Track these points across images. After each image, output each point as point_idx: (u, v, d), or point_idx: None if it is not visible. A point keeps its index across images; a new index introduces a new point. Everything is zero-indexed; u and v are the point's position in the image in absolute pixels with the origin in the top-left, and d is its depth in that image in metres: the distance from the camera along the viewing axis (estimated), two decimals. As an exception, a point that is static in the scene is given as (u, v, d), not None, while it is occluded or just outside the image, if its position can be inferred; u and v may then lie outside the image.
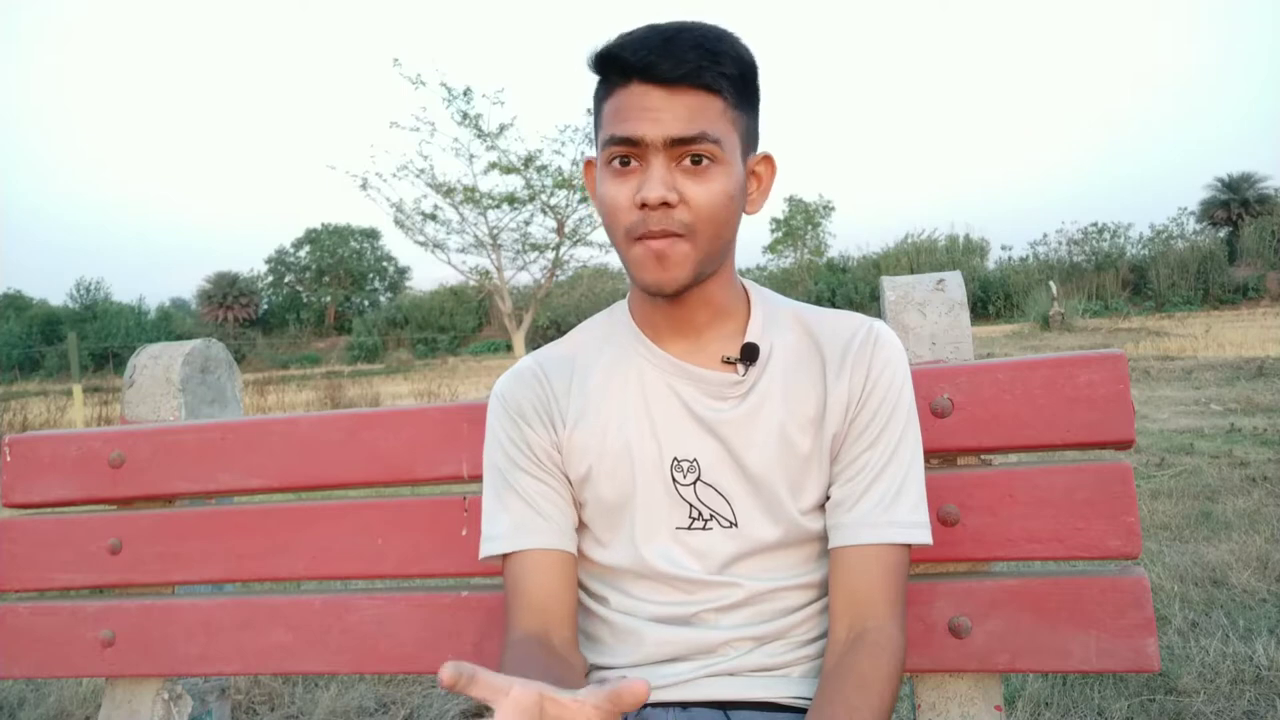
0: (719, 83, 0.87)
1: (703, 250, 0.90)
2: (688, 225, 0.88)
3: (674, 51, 0.86)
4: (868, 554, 0.92)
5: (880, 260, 36.30)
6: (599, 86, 0.93)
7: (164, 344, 1.49)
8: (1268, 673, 2.13)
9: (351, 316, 46.83)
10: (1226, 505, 3.77)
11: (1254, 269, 30.19)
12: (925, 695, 1.14)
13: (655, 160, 0.87)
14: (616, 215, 0.90)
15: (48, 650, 1.38)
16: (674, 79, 0.86)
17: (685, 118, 0.87)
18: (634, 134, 0.87)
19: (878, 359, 0.96)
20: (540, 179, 16.88)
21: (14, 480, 1.40)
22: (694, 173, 0.88)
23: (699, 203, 0.88)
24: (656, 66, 0.86)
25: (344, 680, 2.48)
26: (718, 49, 0.87)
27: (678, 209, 0.88)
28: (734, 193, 0.90)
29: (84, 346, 30.74)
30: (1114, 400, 1.06)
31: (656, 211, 0.87)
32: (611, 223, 0.91)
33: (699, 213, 0.88)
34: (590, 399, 0.99)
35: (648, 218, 0.88)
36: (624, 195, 0.89)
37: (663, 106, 0.86)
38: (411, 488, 1.32)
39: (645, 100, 0.87)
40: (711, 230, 0.90)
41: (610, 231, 0.93)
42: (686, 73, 0.86)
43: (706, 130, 0.87)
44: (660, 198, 0.86)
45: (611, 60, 0.89)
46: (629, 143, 0.88)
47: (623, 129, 0.88)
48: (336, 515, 1.29)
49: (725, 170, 0.89)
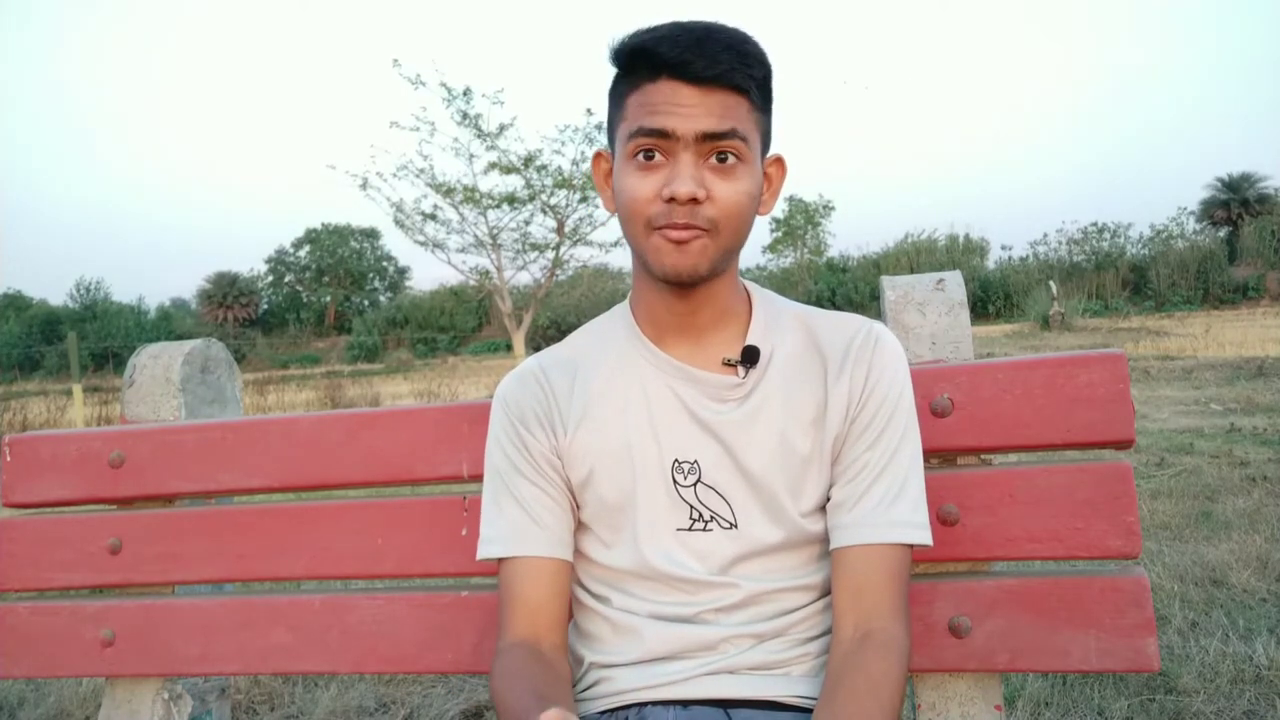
0: (748, 84, 0.89)
1: (722, 247, 0.91)
2: (712, 221, 0.89)
3: (708, 51, 0.87)
4: (869, 554, 0.92)
5: (880, 260, 36.30)
6: (621, 80, 0.93)
7: (164, 344, 1.49)
8: (1268, 673, 2.13)
9: (351, 316, 46.83)
10: (1226, 505, 3.77)
11: (1254, 269, 30.18)
12: (925, 695, 1.13)
13: (684, 155, 0.88)
14: (638, 207, 0.90)
15: (48, 650, 1.38)
16: (708, 78, 0.87)
17: (718, 114, 0.88)
18: (665, 126, 0.88)
19: (878, 360, 0.97)
20: (540, 179, 16.87)
21: (14, 480, 1.40)
22: (721, 170, 0.89)
23: (725, 200, 0.89)
24: (691, 65, 0.87)
25: (344, 680, 2.48)
26: (746, 51, 0.89)
27: (704, 205, 0.88)
28: (755, 193, 0.92)
29: (84, 346, 30.74)
30: (1114, 400, 1.06)
31: (684, 206, 0.88)
32: (631, 214, 0.91)
33: (724, 210, 0.89)
34: (592, 401, 1.00)
35: (673, 211, 0.88)
36: (648, 188, 0.89)
37: (695, 103, 0.88)
38: (411, 488, 1.32)
39: (676, 96, 0.88)
40: (733, 228, 0.91)
41: (629, 223, 0.93)
42: (720, 73, 0.87)
43: (736, 127, 0.88)
44: (690, 193, 0.87)
45: (642, 55, 0.89)
46: (659, 135, 0.88)
47: (653, 121, 0.88)
48: (336, 515, 1.29)
49: (749, 170, 0.90)
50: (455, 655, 1.24)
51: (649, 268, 0.93)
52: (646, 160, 0.90)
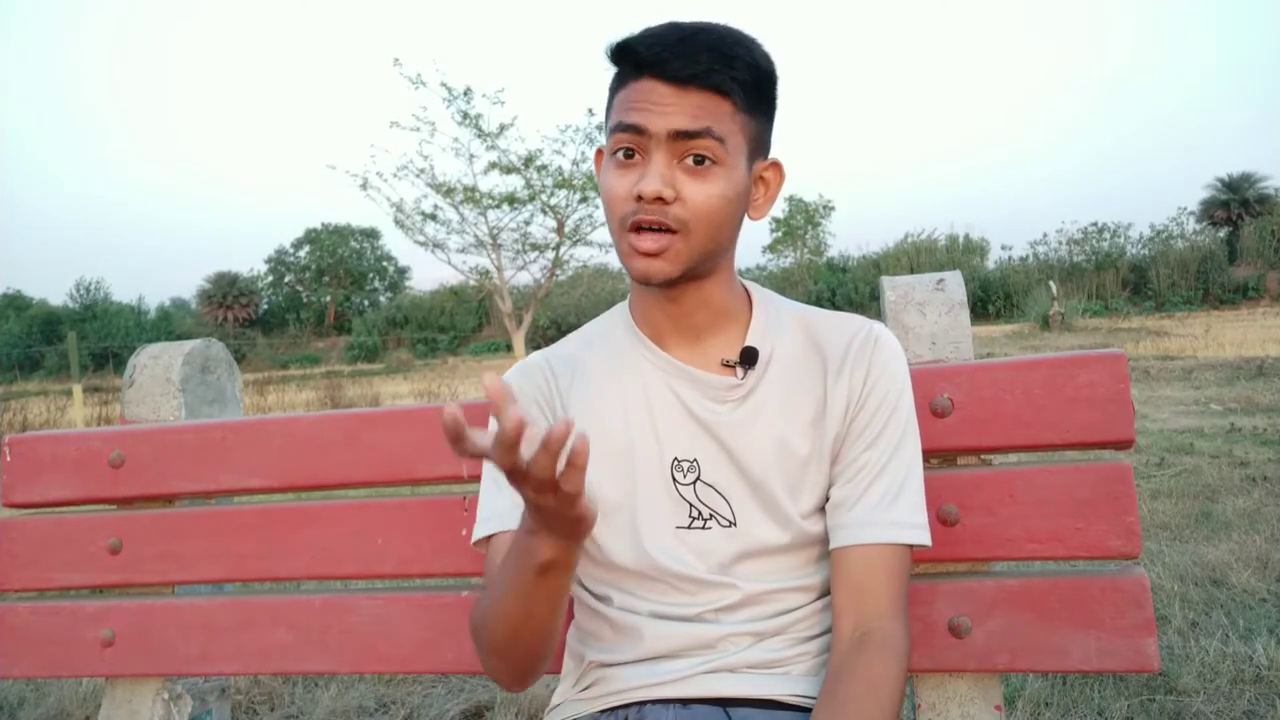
0: (729, 85, 0.88)
1: (695, 249, 0.90)
2: (681, 222, 0.89)
3: (687, 51, 0.87)
4: (869, 553, 0.92)
5: (880, 260, 36.28)
6: (614, 77, 0.94)
7: (164, 344, 1.49)
8: (1268, 673, 2.13)
9: (351, 316, 46.81)
10: (1226, 505, 3.77)
11: (1254, 269, 30.17)
12: (925, 695, 1.13)
13: (657, 154, 0.89)
14: (614, 204, 0.91)
15: (48, 650, 1.38)
16: (683, 78, 0.87)
17: (690, 113, 0.88)
18: (638, 123, 0.88)
19: (877, 360, 0.97)
20: (540, 179, 16.89)
21: (14, 480, 1.40)
22: (694, 172, 0.89)
23: (695, 202, 0.89)
24: (668, 64, 0.87)
25: (344, 680, 2.48)
26: (732, 53, 0.88)
27: (673, 205, 0.89)
28: (733, 196, 0.91)
29: (84, 346, 30.72)
30: (1114, 400, 1.06)
31: (652, 204, 0.88)
32: (609, 211, 0.93)
33: (694, 212, 0.89)
34: (592, 398, 1.00)
35: (642, 208, 0.89)
36: (623, 186, 0.90)
37: (670, 101, 0.88)
38: (411, 488, 1.32)
39: (653, 94, 0.88)
40: (706, 231, 0.90)
41: (608, 220, 0.94)
42: (696, 73, 0.87)
43: (711, 127, 0.88)
44: (656, 192, 0.87)
45: (626, 53, 0.91)
46: (633, 130, 0.89)
47: (628, 117, 0.89)
48: (336, 515, 1.29)
49: (726, 173, 0.90)
50: (455, 655, 1.24)
51: (624, 268, 0.94)
52: (626, 158, 0.90)
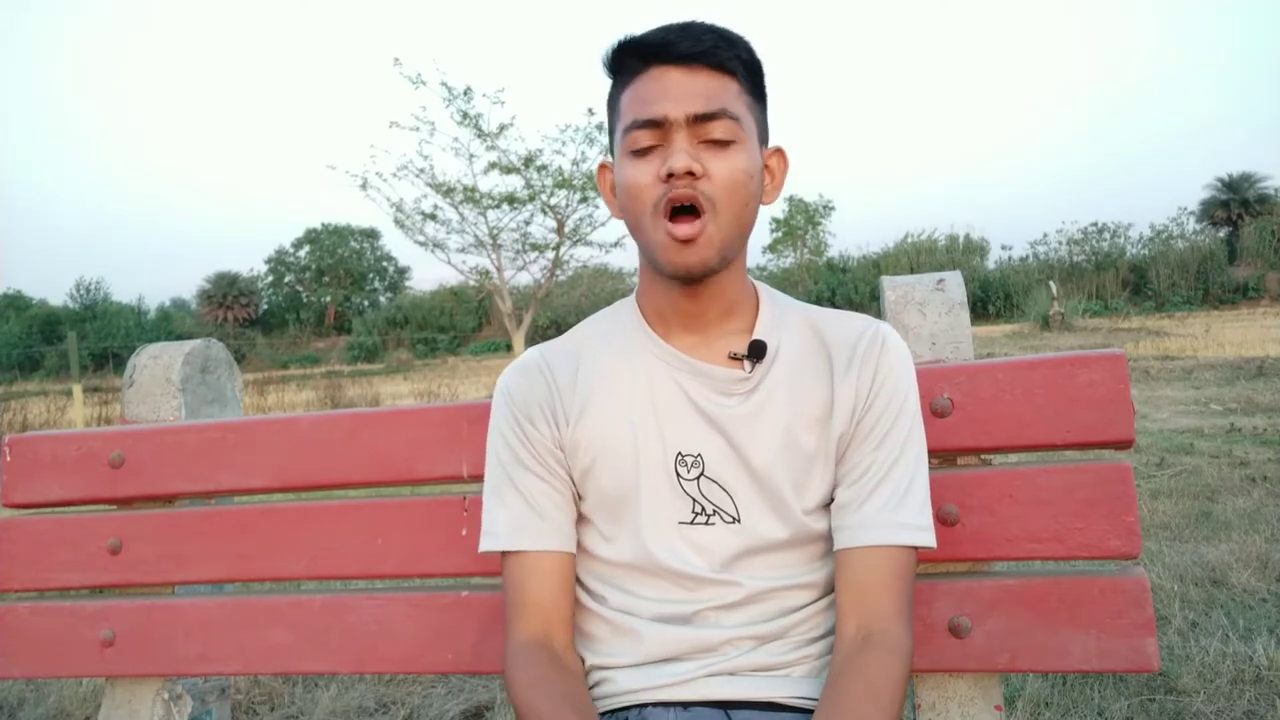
0: (734, 64, 0.90)
1: (726, 230, 0.91)
2: (710, 200, 0.89)
3: (691, 33, 0.90)
4: (875, 555, 0.92)
5: (880, 260, 36.28)
6: (615, 84, 0.95)
7: (164, 344, 1.49)
8: (1268, 673, 2.13)
9: (351, 316, 46.79)
10: (1226, 505, 3.77)
11: (1254, 269, 30.17)
12: (925, 695, 1.13)
13: (678, 137, 0.89)
14: (640, 194, 0.91)
15: (48, 650, 1.38)
16: (692, 55, 0.89)
17: (705, 95, 0.89)
18: (656, 115, 0.89)
19: (885, 361, 0.97)
20: (540, 179, 16.85)
21: (14, 480, 1.40)
22: (716, 150, 0.90)
23: (721, 177, 0.89)
24: (675, 46, 0.89)
25: (344, 680, 2.48)
26: (731, 36, 0.92)
27: (701, 181, 0.89)
28: (754, 173, 0.92)
29: (84, 346, 30.75)
30: (1114, 400, 1.06)
31: (682, 180, 0.88)
32: (635, 204, 0.92)
33: (722, 185, 0.89)
34: (595, 392, 0.99)
35: (673, 186, 0.89)
36: (647, 174, 0.90)
37: (683, 85, 0.89)
38: (411, 488, 1.32)
39: (664, 82, 0.89)
40: (734, 208, 0.91)
41: (633, 214, 0.93)
42: (704, 50, 0.89)
43: (726, 108, 0.89)
44: (686, 166, 0.88)
45: (630, 48, 0.92)
46: (652, 124, 0.90)
47: (645, 112, 0.90)
48: (336, 515, 1.29)
49: (745, 150, 0.91)
50: (455, 655, 1.24)
51: (657, 265, 0.93)
52: (645, 153, 0.91)
